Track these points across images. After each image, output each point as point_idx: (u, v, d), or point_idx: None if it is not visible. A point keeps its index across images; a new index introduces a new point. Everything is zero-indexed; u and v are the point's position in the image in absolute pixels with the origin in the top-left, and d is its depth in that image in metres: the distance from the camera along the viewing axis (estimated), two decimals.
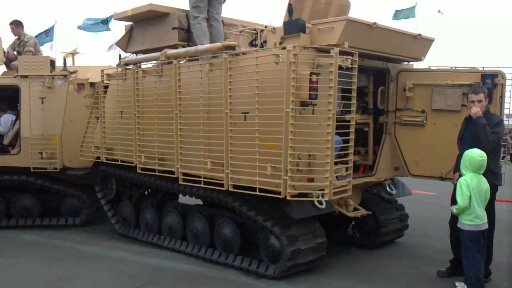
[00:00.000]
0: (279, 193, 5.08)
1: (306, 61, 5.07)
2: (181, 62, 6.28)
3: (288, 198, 5.06)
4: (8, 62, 9.58)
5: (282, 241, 5.48)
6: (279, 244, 5.59)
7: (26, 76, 8.23)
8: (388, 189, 6.83)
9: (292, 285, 5.51)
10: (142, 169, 6.83)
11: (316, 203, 5.27)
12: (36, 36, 14.36)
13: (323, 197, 5.14)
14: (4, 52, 9.51)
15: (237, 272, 5.97)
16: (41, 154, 8.14)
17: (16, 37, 9.58)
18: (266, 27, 6.21)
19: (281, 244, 5.51)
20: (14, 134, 8.55)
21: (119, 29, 20.44)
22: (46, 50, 18.16)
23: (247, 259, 6.01)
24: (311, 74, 4.98)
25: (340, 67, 5.04)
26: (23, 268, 6.24)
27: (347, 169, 5.39)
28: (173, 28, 6.74)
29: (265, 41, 5.95)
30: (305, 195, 5.20)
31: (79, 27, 17.50)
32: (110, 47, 20.44)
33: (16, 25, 9.39)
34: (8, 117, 8.67)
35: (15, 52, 9.53)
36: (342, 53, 5.07)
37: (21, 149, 8.27)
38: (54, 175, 8.40)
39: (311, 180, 5.20)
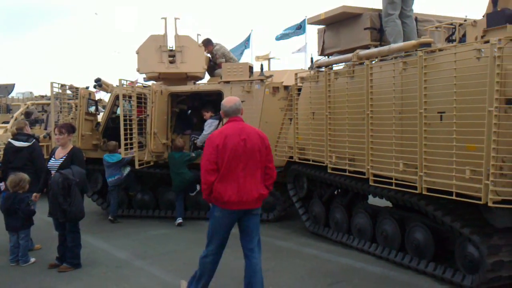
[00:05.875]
0: (479, 199, 4.71)
1: None
2: (373, 62, 6.24)
3: (490, 204, 4.65)
4: (212, 70, 10.65)
5: (482, 250, 5.07)
6: (478, 254, 5.19)
7: (228, 82, 9.01)
8: None
9: None
10: (333, 169, 6.95)
11: None
12: (236, 47, 15.70)
13: None
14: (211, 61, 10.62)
15: (430, 279, 5.71)
16: None
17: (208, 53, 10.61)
18: (465, 20, 5.83)
19: (481, 253, 5.10)
20: None
21: (309, 32, 21.03)
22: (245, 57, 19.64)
23: (440, 267, 5.71)
24: None
25: None
26: (225, 258, 6.76)
27: None
28: (365, 29, 6.74)
29: (463, 36, 5.59)
30: (510, 202, 4.73)
31: (277, 39, 18.60)
32: (299, 49, 21.15)
33: (206, 45, 10.39)
34: (212, 122, 9.54)
35: (211, 63, 10.56)
36: None
37: None
38: None
39: None
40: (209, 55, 10.65)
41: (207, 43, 10.48)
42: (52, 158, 6.54)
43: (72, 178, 6.12)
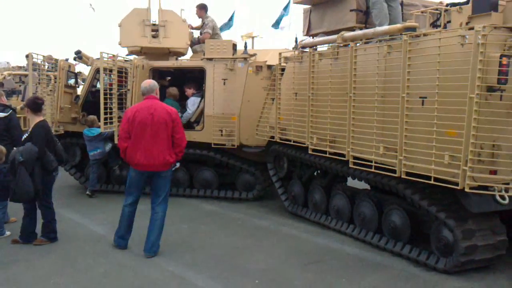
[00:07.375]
0: (457, 184, 4.78)
1: (496, 42, 4.65)
2: (357, 44, 6.22)
3: (467, 190, 4.73)
4: (192, 45, 10.47)
5: (456, 234, 5.17)
6: (452, 238, 5.29)
7: (211, 59, 8.90)
8: None
9: (466, 282, 5.19)
10: (314, 150, 6.97)
11: (498, 198, 4.84)
12: (222, 26, 15.47)
13: (506, 191, 4.73)
14: (193, 37, 10.45)
15: (405, 262, 5.80)
16: (221, 131, 8.75)
17: (200, 19, 10.49)
18: (450, 6, 5.83)
19: (455, 237, 5.20)
20: (200, 112, 9.33)
21: (293, 10, 20.94)
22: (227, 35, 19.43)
23: (415, 249, 5.80)
24: (501, 56, 4.56)
25: None
26: (205, 235, 6.87)
27: None
28: (351, 10, 6.70)
29: (449, 22, 5.60)
30: (486, 188, 4.82)
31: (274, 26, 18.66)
32: (282, 28, 20.95)
33: (200, 8, 10.27)
34: (195, 100, 9.45)
35: (198, 35, 10.40)
36: None
37: (204, 126, 9.00)
38: (231, 152, 9.01)
39: (493, 172, 4.80)
40: (200, 20, 10.52)
41: (202, 7, 10.38)
42: (27, 132, 6.42)
43: (17, 157, 5.85)
